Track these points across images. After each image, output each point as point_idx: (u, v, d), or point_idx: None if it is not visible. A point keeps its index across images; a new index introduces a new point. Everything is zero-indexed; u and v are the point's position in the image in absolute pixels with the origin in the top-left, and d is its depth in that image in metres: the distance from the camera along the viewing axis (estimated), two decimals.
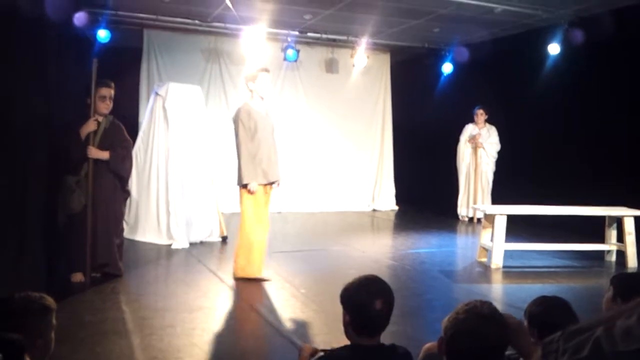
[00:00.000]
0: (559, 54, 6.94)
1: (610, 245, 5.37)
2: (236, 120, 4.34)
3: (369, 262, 5.30)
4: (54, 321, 1.73)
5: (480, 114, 7.81)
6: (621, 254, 5.25)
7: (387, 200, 9.08)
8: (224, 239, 5.98)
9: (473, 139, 7.80)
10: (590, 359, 0.79)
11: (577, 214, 5.21)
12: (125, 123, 4.60)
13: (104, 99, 4.21)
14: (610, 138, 6.28)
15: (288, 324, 3.42)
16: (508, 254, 5.16)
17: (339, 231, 6.97)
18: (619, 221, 5.25)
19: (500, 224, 5.03)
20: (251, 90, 4.41)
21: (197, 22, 7.41)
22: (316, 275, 4.69)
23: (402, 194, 9.13)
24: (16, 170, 3.36)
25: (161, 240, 5.75)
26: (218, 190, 6.46)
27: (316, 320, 3.47)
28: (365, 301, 1.71)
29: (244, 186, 4.26)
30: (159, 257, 5.29)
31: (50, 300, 1.73)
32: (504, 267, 5.04)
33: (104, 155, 4.20)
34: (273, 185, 4.46)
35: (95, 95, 4.16)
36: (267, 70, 4.44)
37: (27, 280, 3.30)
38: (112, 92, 4.27)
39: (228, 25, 7.47)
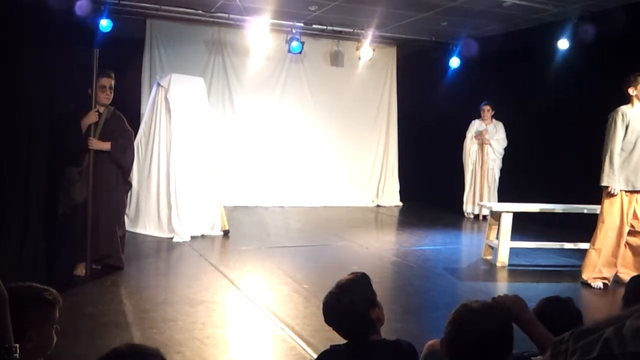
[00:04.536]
0: (569, 49, 6.83)
1: None
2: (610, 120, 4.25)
3: (372, 258, 5.24)
4: (55, 315, 1.66)
5: (487, 110, 7.72)
6: None
7: (391, 196, 9.01)
8: (226, 233, 5.92)
9: (479, 135, 7.72)
10: (599, 359, 0.76)
11: (585, 212, 5.14)
12: (127, 114, 4.54)
13: (104, 89, 4.16)
14: None
15: (290, 319, 3.36)
16: (514, 252, 5.10)
17: (342, 227, 6.91)
18: None
19: (506, 221, 4.97)
20: (631, 96, 4.24)
21: (200, 12, 7.32)
22: (319, 271, 4.64)
23: (407, 190, 9.05)
24: (18, 160, 3.31)
25: (162, 233, 5.70)
26: (220, 184, 6.40)
27: (318, 315, 3.40)
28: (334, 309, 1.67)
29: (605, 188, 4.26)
30: (160, 250, 5.24)
31: (53, 293, 1.66)
32: (509, 265, 4.98)
33: (105, 146, 4.16)
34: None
35: (95, 85, 4.11)
36: None
37: (29, 272, 3.26)
38: (113, 82, 4.22)
39: (232, 16, 7.38)
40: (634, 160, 4.24)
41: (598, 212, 4.44)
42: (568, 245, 5.24)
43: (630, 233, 4.32)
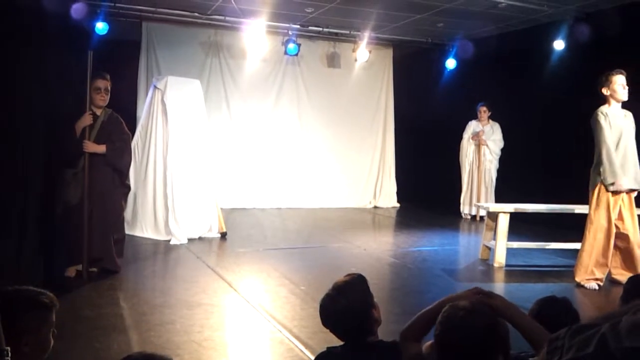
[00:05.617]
0: (564, 50, 6.86)
1: None
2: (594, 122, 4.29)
3: (369, 259, 5.24)
4: (52, 319, 1.65)
5: (484, 111, 7.74)
6: None
7: (388, 197, 9.01)
8: (223, 235, 5.92)
9: (476, 136, 7.74)
10: (595, 355, 0.75)
11: (581, 212, 5.15)
12: (123, 116, 4.53)
13: (99, 91, 4.13)
14: None
15: (287, 321, 3.36)
16: (511, 253, 5.11)
17: (340, 228, 6.91)
18: None
19: (503, 222, 4.98)
20: (606, 96, 4.30)
21: (196, 14, 7.32)
22: (316, 272, 4.63)
23: (404, 191, 9.06)
24: (17, 161, 3.31)
25: (159, 235, 5.69)
26: (217, 186, 6.39)
27: (316, 317, 3.40)
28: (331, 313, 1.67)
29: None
30: (157, 253, 5.23)
31: (49, 297, 1.65)
32: (506, 265, 4.99)
33: (101, 149, 4.13)
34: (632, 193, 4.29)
35: (90, 88, 4.10)
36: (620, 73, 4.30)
37: (25, 274, 3.26)
38: (108, 84, 4.20)
39: (228, 18, 7.39)
40: (619, 159, 4.25)
41: None
42: (565, 246, 5.25)
43: (615, 235, 4.33)
